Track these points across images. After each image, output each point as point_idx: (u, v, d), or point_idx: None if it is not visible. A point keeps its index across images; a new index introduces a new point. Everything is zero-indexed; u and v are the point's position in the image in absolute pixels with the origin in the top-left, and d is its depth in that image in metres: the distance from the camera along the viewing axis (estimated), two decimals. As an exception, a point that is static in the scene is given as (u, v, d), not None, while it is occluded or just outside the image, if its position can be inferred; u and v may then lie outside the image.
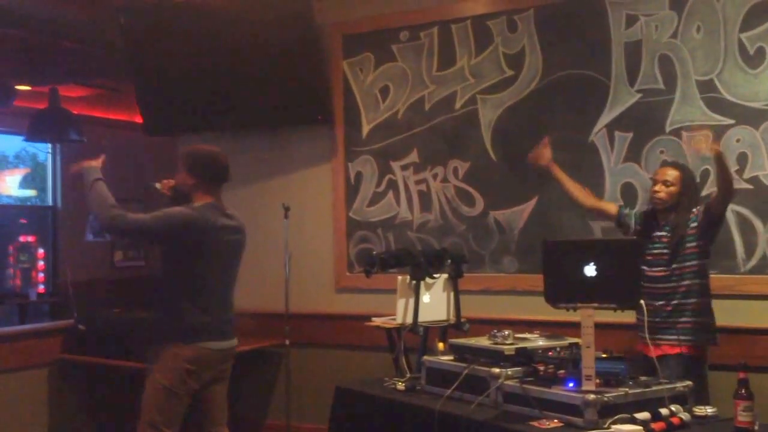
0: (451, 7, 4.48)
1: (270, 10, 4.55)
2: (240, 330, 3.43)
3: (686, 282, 3.32)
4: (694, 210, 3.37)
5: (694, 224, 3.34)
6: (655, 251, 3.39)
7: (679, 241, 3.33)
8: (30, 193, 8.76)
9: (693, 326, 3.32)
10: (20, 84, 6.72)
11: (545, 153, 3.75)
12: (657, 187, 3.43)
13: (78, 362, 4.49)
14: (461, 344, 3.15)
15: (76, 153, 8.06)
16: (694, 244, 3.33)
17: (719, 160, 3.23)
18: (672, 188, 3.39)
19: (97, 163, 3.37)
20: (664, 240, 3.38)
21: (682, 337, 3.30)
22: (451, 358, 3.15)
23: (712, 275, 3.45)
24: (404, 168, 4.62)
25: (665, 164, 3.67)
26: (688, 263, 3.33)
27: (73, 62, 6.43)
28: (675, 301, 3.33)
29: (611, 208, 3.68)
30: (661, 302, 3.34)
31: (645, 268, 3.36)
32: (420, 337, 3.50)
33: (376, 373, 3.70)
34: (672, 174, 3.41)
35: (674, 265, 3.34)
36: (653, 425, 2.52)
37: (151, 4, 4.84)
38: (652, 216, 3.48)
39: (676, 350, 3.29)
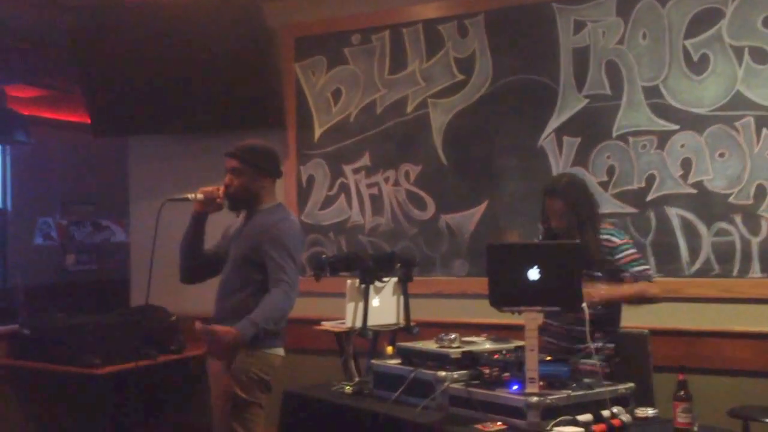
0: (402, 11, 4.49)
1: (220, 12, 4.52)
2: (189, 334, 3.36)
3: None
4: None
5: None
6: None
7: None
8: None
9: None
10: (-34, 84, 6.59)
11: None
12: None
13: (22, 368, 4.41)
14: (408, 348, 3.15)
15: (24, 154, 7.94)
16: None
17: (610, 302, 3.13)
18: None
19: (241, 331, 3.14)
20: None
21: None
22: (399, 361, 3.15)
23: (657, 278, 3.45)
24: (356, 171, 4.61)
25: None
26: None
27: (21, 62, 6.31)
28: None
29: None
30: None
31: None
32: (369, 341, 3.50)
33: (325, 378, 3.67)
34: None
35: None
36: (594, 427, 2.54)
37: (99, 6, 4.78)
38: None
39: None
